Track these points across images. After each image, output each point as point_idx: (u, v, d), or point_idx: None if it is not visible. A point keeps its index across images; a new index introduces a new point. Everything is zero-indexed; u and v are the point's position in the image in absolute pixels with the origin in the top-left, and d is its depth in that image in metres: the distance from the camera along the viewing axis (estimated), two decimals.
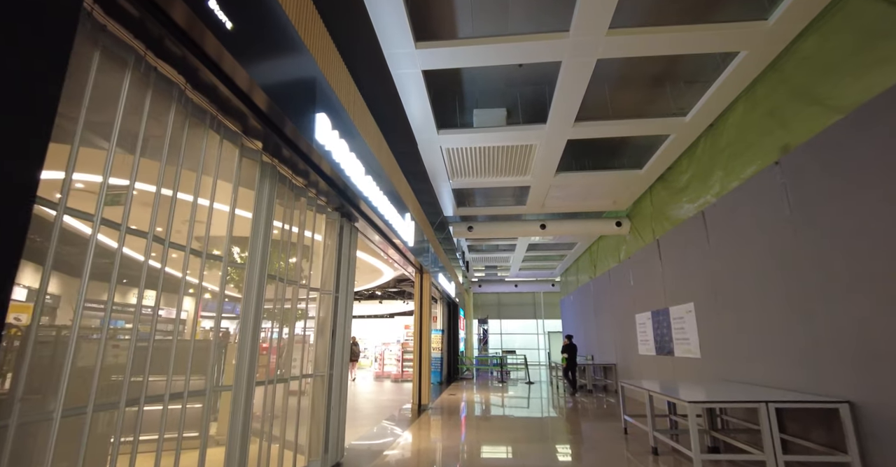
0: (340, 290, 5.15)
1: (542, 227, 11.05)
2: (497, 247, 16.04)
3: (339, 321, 5.08)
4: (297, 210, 4.32)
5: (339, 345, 5.05)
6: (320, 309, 4.94)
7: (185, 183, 2.78)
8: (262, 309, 3.56)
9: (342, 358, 5.12)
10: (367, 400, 10.78)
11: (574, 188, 9.39)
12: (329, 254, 5.07)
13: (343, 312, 5.19)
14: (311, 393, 4.62)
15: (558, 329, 24.02)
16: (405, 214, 7.26)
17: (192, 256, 2.86)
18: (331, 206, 5.08)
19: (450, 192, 9.62)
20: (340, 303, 5.13)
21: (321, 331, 4.87)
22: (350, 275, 5.45)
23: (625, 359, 11.54)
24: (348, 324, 5.37)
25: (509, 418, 8.20)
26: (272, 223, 3.73)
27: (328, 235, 5.11)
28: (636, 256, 10.50)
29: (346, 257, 5.36)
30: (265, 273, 3.60)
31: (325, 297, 4.96)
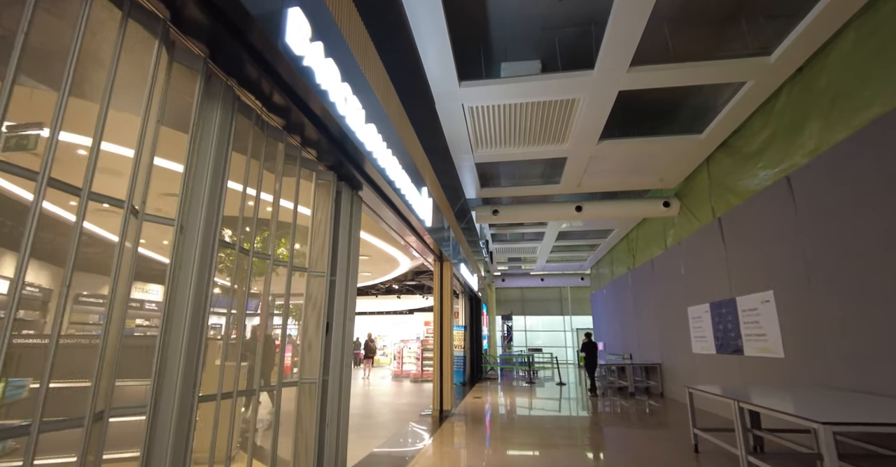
0: (339, 272, 4.00)
1: (578, 210, 9.75)
2: (523, 237, 14.76)
3: (336, 312, 3.93)
4: (271, 160, 3.18)
5: (338, 343, 3.90)
6: (309, 296, 3.80)
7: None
8: (209, 294, 2.43)
9: (341, 359, 3.98)
10: (382, 403, 9.68)
11: (617, 160, 8.07)
12: (322, 224, 3.92)
13: (343, 301, 4.05)
14: (297, 406, 3.49)
15: (587, 325, 22.61)
16: (422, 188, 6.10)
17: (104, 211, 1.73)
18: (323, 164, 3.93)
19: (472, 169, 8.40)
20: (338, 290, 3.99)
21: (310, 326, 3.74)
22: (352, 255, 4.31)
23: (673, 359, 10.16)
24: (350, 316, 4.23)
25: (547, 428, 6.97)
26: (224, 170, 2.59)
27: (320, 200, 3.97)
28: (688, 241, 9.11)
29: (347, 231, 4.22)
30: (214, 240, 2.47)
31: (316, 281, 3.82)
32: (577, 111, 6.33)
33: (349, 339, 4.17)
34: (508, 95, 5.90)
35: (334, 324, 3.88)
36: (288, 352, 8.19)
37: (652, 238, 11.46)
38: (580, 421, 7.65)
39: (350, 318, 4.23)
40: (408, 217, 5.88)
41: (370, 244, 10.16)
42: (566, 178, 8.90)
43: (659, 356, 11.04)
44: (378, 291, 22.40)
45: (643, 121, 7.21)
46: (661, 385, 10.91)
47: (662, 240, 10.72)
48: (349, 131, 3.45)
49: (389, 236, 9.51)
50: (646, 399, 10.53)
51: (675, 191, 9.80)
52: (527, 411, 8.68)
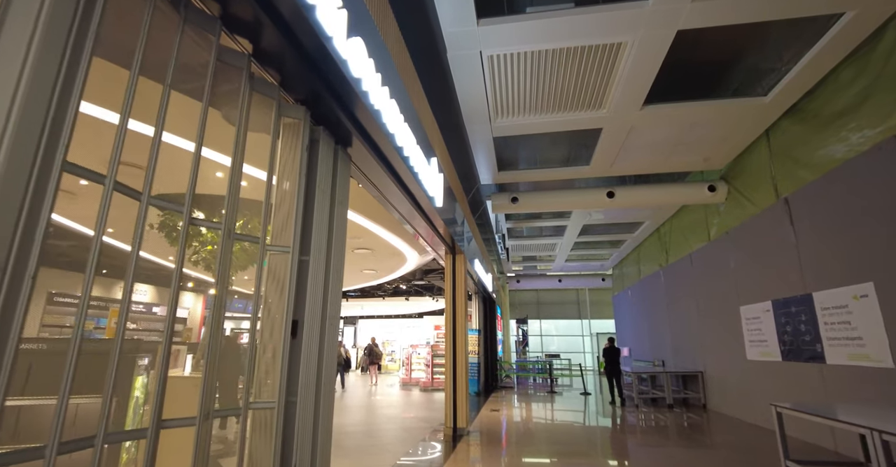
0: (313, 251, 2.84)
1: (610, 196, 8.52)
2: (541, 232, 13.53)
3: (309, 306, 2.77)
4: (194, 71, 2.04)
5: (310, 349, 2.74)
6: (267, 279, 2.65)
7: None
8: None
9: (318, 374, 2.82)
10: (387, 418, 8.49)
11: (660, 133, 6.85)
12: (287, 179, 2.77)
13: (320, 291, 2.89)
14: (241, 444, 2.33)
15: (607, 329, 21.25)
16: (431, 159, 4.95)
17: None
18: (291, 95, 2.79)
19: (489, 147, 7.23)
20: (313, 274, 2.83)
21: (267, 324, 2.58)
22: (336, 230, 3.16)
23: (719, 366, 8.85)
24: (333, 313, 3.07)
25: (589, 454, 5.73)
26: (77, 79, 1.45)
27: (285, 147, 2.82)
28: (740, 230, 7.84)
29: (329, 196, 3.07)
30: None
31: (277, 261, 2.66)
32: (621, 61, 5.13)
33: (331, 346, 3.00)
34: (538, 38, 4.73)
35: (306, 324, 2.72)
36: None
37: (690, 230, 10.18)
38: (626, 444, 6.39)
39: (333, 317, 3.07)
40: (414, 192, 4.72)
41: (372, 234, 8.98)
42: (598, 158, 7.69)
43: (700, 363, 9.72)
44: (385, 292, 21.25)
45: (692, 85, 6.00)
46: (703, 396, 9.59)
47: (704, 231, 9.44)
48: (329, 43, 2.31)
49: (393, 223, 8.35)
50: (684, 411, 9.22)
51: (722, 174, 8.55)
52: (555, 428, 7.43)
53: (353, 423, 7.87)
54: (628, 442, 6.41)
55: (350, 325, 30.18)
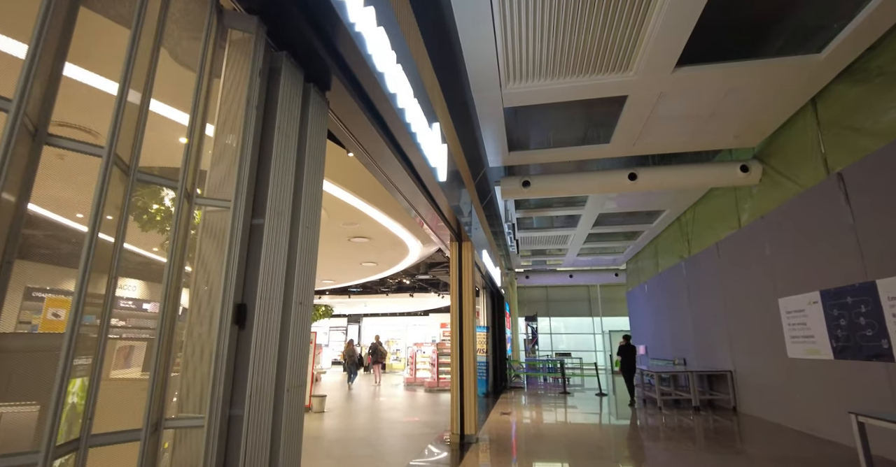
0: (271, 213, 2.11)
1: (632, 178, 7.74)
2: (552, 223, 12.74)
3: (262, 287, 2.04)
4: None
5: (269, 343, 2.02)
6: (199, 244, 1.92)
7: None
8: None
9: (278, 376, 2.10)
10: (389, 422, 7.76)
11: (692, 102, 6.07)
12: (231, 111, 2.04)
13: (281, 263, 2.17)
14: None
15: (619, 327, 20.42)
16: (433, 124, 4.22)
17: None
18: (241, 2, 2.06)
19: (500, 121, 6.48)
20: (271, 243, 2.10)
21: (196, 310, 1.85)
22: (309, 191, 2.44)
23: (752, 365, 8.05)
24: (304, 296, 2.35)
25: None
26: None
27: (231, 69, 2.09)
28: (779, 213, 7.04)
29: (295, 142, 2.35)
30: None
31: (214, 220, 1.93)
32: (653, 12, 4.36)
33: (299, 339, 2.27)
34: None
35: (259, 309, 1.99)
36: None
37: (716, 217, 9.37)
38: (659, 453, 5.62)
39: (303, 302, 2.34)
40: (413, 160, 3.99)
41: (369, 219, 8.22)
42: (620, 134, 6.92)
43: (729, 361, 8.91)
44: (388, 289, 20.54)
45: (730, 43, 5.21)
46: (733, 398, 8.78)
47: (733, 217, 8.63)
48: None
49: (392, 207, 7.59)
50: (710, 414, 8.43)
51: (755, 153, 7.74)
52: (574, 435, 6.67)
53: (350, 428, 7.16)
54: (661, 454, 5.64)
55: (354, 323, 29.53)
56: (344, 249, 10.77)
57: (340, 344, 25.81)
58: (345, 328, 29.51)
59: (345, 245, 10.23)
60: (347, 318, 29.78)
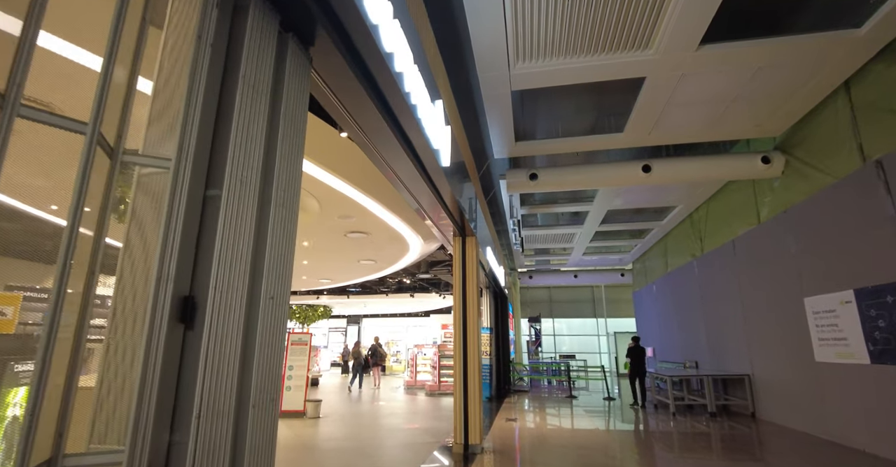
0: (233, 182, 1.66)
1: (646, 170, 7.28)
2: (558, 220, 12.29)
3: (222, 274, 1.59)
4: None
5: (226, 348, 1.57)
6: (134, 218, 1.46)
7: None
8: None
9: (239, 389, 1.64)
10: (387, 429, 7.30)
11: (715, 86, 5.62)
12: (176, 45, 1.58)
13: (245, 247, 1.72)
14: None
15: (625, 328, 19.95)
16: (435, 100, 3.77)
17: None
18: None
19: (507, 106, 6.02)
20: (231, 220, 1.65)
21: (121, 306, 1.39)
22: (285, 160, 2.00)
23: (774, 369, 7.58)
24: (279, 289, 1.91)
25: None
26: None
27: (176, 7, 1.64)
28: (806, 206, 6.58)
29: (263, 99, 1.89)
30: None
31: (148, 187, 1.48)
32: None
33: (270, 343, 1.83)
34: None
35: (213, 304, 1.54)
36: None
37: (732, 213, 8.91)
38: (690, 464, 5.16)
39: (276, 296, 1.90)
40: (413, 139, 3.53)
41: (366, 212, 7.73)
42: (635, 122, 6.46)
43: (747, 365, 8.44)
44: (388, 288, 20.08)
45: (757, 19, 4.76)
46: (751, 403, 8.30)
47: (751, 212, 8.17)
48: None
49: (391, 198, 7.11)
50: (725, 420, 7.96)
51: (776, 143, 7.29)
52: (588, 444, 6.20)
53: (346, 436, 6.70)
54: (680, 461, 5.17)
55: (354, 324, 29.08)
56: (340, 245, 10.30)
57: (339, 345, 25.36)
58: (344, 329, 29.06)
59: (341, 241, 9.76)
60: (347, 319, 29.34)
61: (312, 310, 23.09)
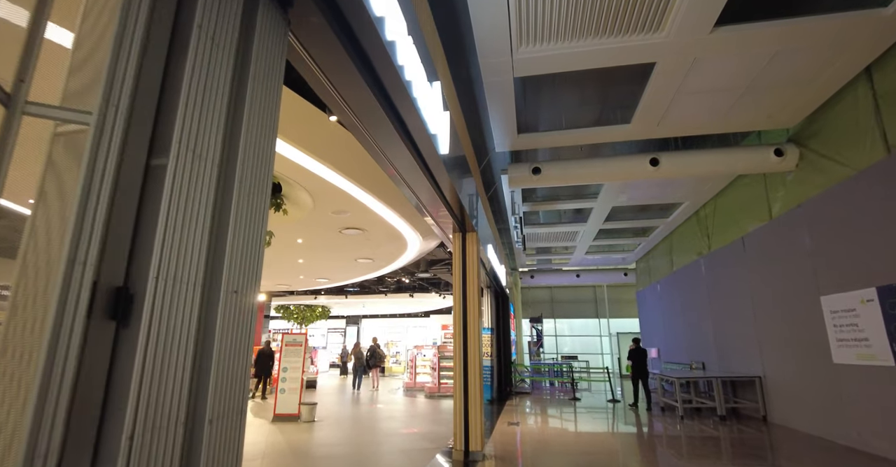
0: (181, 148, 1.37)
1: (654, 164, 6.99)
2: (561, 218, 12.00)
3: (169, 261, 1.29)
4: None
5: (173, 350, 1.27)
6: (45, 184, 1.16)
7: None
8: None
9: (193, 400, 1.34)
10: (384, 434, 7.01)
11: (728, 72, 5.33)
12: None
13: (198, 228, 1.42)
14: None
15: (628, 329, 19.65)
16: (433, 82, 3.48)
17: None
18: None
19: (509, 95, 5.74)
20: (181, 194, 1.35)
21: (21, 292, 1.09)
22: (260, 129, 1.72)
23: (787, 371, 7.28)
24: (244, 281, 1.61)
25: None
26: None
27: None
28: (822, 200, 6.29)
29: (225, 56, 1.59)
30: None
31: (72, 145, 1.18)
32: None
33: (237, 349, 1.55)
34: None
35: (157, 296, 1.24)
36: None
37: (741, 209, 8.61)
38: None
39: (241, 292, 1.61)
40: (408, 121, 3.24)
41: (362, 206, 7.41)
42: (643, 112, 6.18)
43: (758, 366, 8.14)
44: (387, 288, 19.78)
45: (776, 0, 4.48)
46: (762, 406, 8.00)
47: (762, 208, 7.88)
48: None
49: (387, 191, 6.81)
50: (735, 423, 7.67)
51: (789, 135, 7.00)
52: (596, 449, 5.90)
53: (341, 441, 6.40)
54: None
55: (353, 325, 28.79)
56: (336, 243, 9.98)
57: (338, 346, 25.06)
58: (343, 330, 28.76)
59: (336, 238, 9.45)
60: (346, 320, 29.04)
61: (310, 310, 22.80)
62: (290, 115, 4.37)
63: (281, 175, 6.21)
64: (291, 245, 10.23)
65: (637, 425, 7.83)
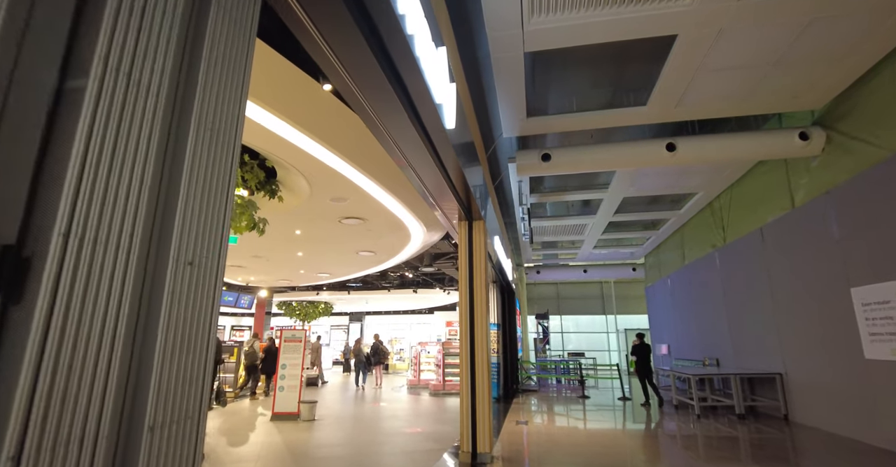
0: (108, 67, 1.01)
1: (670, 149, 6.61)
2: (569, 210, 11.61)
3: (83, 214, 0.94)
4: None
5: (88, 335, 0.92)
6: None
7: None
8: None
9: (130, 405, 1.00)
10: (386, 433, 6.69)
11: (758, 43, 4.94)
12: None
13: (130, 169, 1.06)
14: None
15: (636, 325, 19.27)
16: (439, 46, 3.13)
17: None
18: None
19: (519, 73, 5.36)
20: (102, 124, 0.99)
21: None
22: (229, 64, 1.35)
23: (812, 368, 6.91)
24: (205, 256, 1.26)
25: None
26: None
27: None
28: (853, 185, 5.90)
29: None
30: None
31: None
32: None
33: (195, 338, 1.20)
34: None
35: (59, 262, 0.89)
36: None
37: (760, 198, 8.23)
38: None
39: (197, 264, 1.26)
40: (408, 82, 2.88)
41: (362, 192, 7.00)
42: (661, 92, 5.80)
43: (779, 363, 7.77)
44: (390, 284, 19.46)
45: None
46: (783, 404, 7.62)
47: (783, 196, 7.49)
48: None
49: (389, 176, 6.46)
50: (757, 423, 7.31)
51: (815, 118, 6.61)
52: (613, 451, 5.55)
53: (341, 442, 6.08)
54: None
55: (356, 322, 28.52)
56: (335, 234, 9.63)
57: (341, 343, 24.79)
58: (346, 326, 28.50)
59: (336, 228, 9.09)
60: (349, 317, 28.78)
61: (313, 306, 22.52)
62: (280, 84, 4.01)
63: (274, 157, 5.86)
64: (290, 237, 9.89)
65: (652, 424, 7.47)
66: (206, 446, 5.79)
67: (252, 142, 5.24)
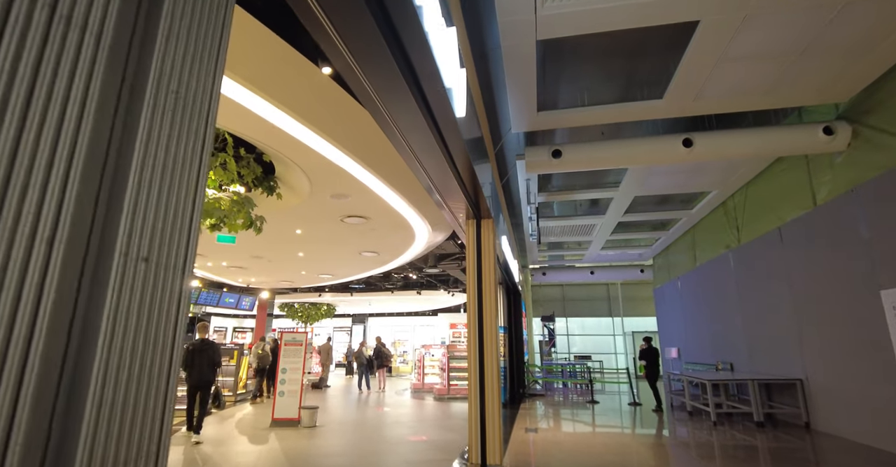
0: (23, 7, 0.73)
1: (687, 145, 6.32)
2: (577, 210, 11.32)
3: None
4: None
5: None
6: None
7: None
8: None
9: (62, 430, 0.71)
10: (390, 442, 6.40)
11: (785, 30, 4.65)
12: None
13: (66, 134, 0.79)
14: None
15: (644, 328, 18.92)
16: (449, 26, 2.87)
17: None
18: None
19: (531, 63, 5.09)
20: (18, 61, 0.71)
21: None
22: (205, 24, 1.06)
23: (836, 374, 6.59)
24: (168, 253, 0.98)
25: None
26: None
27: None
28: (882, 181, 5.60)
29: None
30: None
31: None
32: None
33: (157, 349, 0.91)
34: None
35: None
36: None
37: (778, 197, 7.92)
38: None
39: (154, 261, 0.98)
40: (415, 60, 2.61)
41: (364, 188, 6.70)
42: (679, 84, 5.51)
43: (800, 368, 7.45)
44: (394, 285, 19.19)
45: None
46: (804, 412, 7.30)
47: (804, 194, 7.18)
48: None
49: (392, 170, 6.18)
50: (777, 431, 7.00)
51: (840, 112, 6.31)
52: (633, 462, 5.25)
53: (342, 451, 5.80)
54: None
55: (359, 324, 28.25)
56: (337, 234, 9.36)
57: (343, 345, 24.52)
58: (349, 329, 28.23)
59: (338, 228, 8.83)
60: (352, 318, 28.51)
61: (315, 308, 22.27)
62: (275, 67, 3.74)
63: (272, 151, 5.59)
64: (290, 236, 9.63)
65: (668, 433, 7.16)
66: (199, 455, 5.52)
67: (247, 134, 4.97)
